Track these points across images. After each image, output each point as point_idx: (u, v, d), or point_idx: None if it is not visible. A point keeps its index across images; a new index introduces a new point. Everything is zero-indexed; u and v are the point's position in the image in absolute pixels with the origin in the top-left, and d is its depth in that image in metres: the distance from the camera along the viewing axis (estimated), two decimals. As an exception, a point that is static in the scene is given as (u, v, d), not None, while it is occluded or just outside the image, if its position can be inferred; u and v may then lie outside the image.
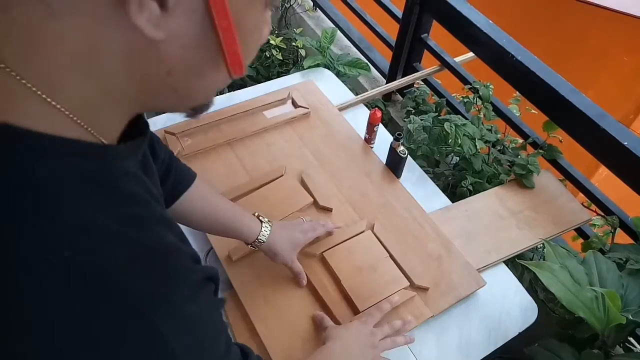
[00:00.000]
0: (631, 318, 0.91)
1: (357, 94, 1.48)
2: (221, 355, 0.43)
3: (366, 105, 1.48)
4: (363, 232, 1.06)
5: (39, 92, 0.30)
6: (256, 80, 2.13)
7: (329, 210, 1.10)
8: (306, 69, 1.46)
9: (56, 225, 0.30)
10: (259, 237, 0.87)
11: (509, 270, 1.09)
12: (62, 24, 0.29)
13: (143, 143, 0.43)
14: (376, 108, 1.34)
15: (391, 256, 1.02)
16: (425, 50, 1.68)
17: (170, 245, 0.37)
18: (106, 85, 0.33)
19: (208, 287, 0.41)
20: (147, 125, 0.44)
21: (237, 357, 0.48)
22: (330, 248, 1.02)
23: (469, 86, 1.43)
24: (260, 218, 0.91)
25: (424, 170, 1.27)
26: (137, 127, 0.42)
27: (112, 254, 0.32)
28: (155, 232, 0.37)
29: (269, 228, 0.89)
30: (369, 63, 1.82)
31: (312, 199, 1.11)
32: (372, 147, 1.25)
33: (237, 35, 0.34)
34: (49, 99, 0.31)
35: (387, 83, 1.78)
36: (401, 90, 1.81)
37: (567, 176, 1.32)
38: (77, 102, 0.32)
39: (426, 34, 1.64)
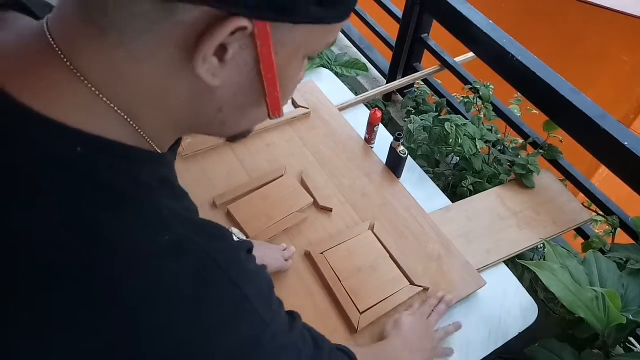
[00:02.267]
0: (631, 318, 0.91)
1: (357, 94, 1.48)
2: (278, 304, 0.49)
3: (366, 105, 1.48)
4: (363, 232, 1.06)
5: (124, 116, 0.38)
6: (256, 80, 2.13)
7: (329, 210, 1.10)
8: (305, 70, 1.46)
9: (164, 214, 0.39)
10: None
11: (509, 270, 1.09)
12: (141, 66, 0.36)
13: (176, 150, 0.51)
14: (376, 108, 1.34)
15: (391, 256, 1.02)
16: (425, 50, 1.68)
17: (221, 228, 0.45)
18: (171, 116, 0.41)
19: (251, 255, 0.49)
20: (180, 138, 0.51)
21: (285, 315, 0.54)
22: (330, 248, 1.02)
23: (469, 86, 1.43)
24: (233, 234, 0.89)
25: (424, 170, 1.27)
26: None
27: (196, 230, 0.40)
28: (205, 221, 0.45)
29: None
30: (367, 63, 1.83)
31: (312, 199, 1.11)
32: (372, 147, 1.25)
33: (278, 84, 0.40)
34: (130, 122, 0.39)
35: (387, 83, 1.78)
36: (401, 90, 1.81)
37: (567, 176, 1.32)
38: (148, 126, 0.40)
39: (426, 34, 1.64)
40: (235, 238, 0.85)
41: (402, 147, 1.15)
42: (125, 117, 0.38)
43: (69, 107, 0.36)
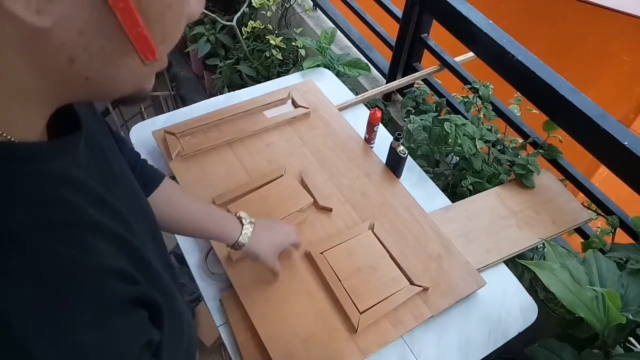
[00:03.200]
0: (631, 318, 0.91)
1: (357, 94, 1.48)
2: None
3: (366, 105, 1.48)
4: (363, 232, 1.06)
5: None
6: (256, 80, 2.13)
7: (329, 210, 1.10)
8: (306, 69, 1.45)
9: None
10: (239, 240, 0.84)
11: (509, 270, 1.09)
12: None
13: (76, 139, 0.40)
14: (376, 108, 1.34)
15: (391, 256, 1.02)
16: (425, 50, 1.67)
17: (86, 258, 0.35)
18: (8, 82, 0.31)
19: (132, 312, 0.37)
20: (79, 119, 0.41)
21: None
22: (330, 248, 1.02)
23: (469, 86, 1.43)
24: (242, 219, 0.87)
25: (424, 170, 1.27)
26: (70, 123, 0.40)
27: (9, 259, 0.31)
28: (75, 242, 0.35)
29: (251, 229, 0.86)
30: (368, 63, 1.82)
31: (312, 199, 1.11)
32: (372, 147, 1.25)
33: (139, 16, 0.31)
34: None
35: (387, 83, 1.78)
36: (401, 90, 1.81)
37: (567, 176, 1.32)
38: None
39: (426, 34, 1.64)
40: (244, 222, 0.86)
41: (402, 147, 1.15)
42: None
43: None
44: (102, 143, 0.49)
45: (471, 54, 1.56)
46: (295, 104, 1.32)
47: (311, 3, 2.25)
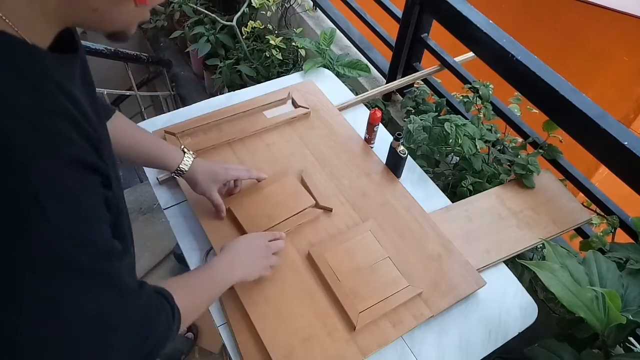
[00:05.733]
0: (631, 318, 0.91)
1: (357, 94, 1.48)
2: (107, 241, 0.48)
3: (366, 105, 1.48)
4: (363, 232, 1.06)
5: None
6: (256, 80, 2.13)
7: (329, 210, 1.10)
8: (306, 72, 1.45)
9: None
10: (180, 166, 0.96)
11: (509, 270, 1.09)
12: None
13: (73, 59, 0.50)
14: (376, 108, 1.34)
15: (391, 256, 1.02)
16: (425, 50, 1.67)
17: (60, 139, 0.43)
18: (38, 3, 0.42)
19: (85, 173, 0.46)
20: (78, 44, 0.53)
21: (129, 269, 0.54)
22: (330, 248, 1.02)
23: (469, 86, 1.43)
24: (184, 150, 0.98)
25: (424, 170, 1.27)
26: (71, 47, 0.51)
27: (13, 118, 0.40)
28: (55, 127, 0.43)
29: (191, 159, 0.97)
30: (368, 64, 1.83)
31: (315, 201, 1.11)
32: (372, 147, 1.25)
33: None
34: None
35: (387, 83, 1.78)
36: (401, 90, 1.81)
37: (567, 176, 1.32)
38: (13, 12, 0.41)
39: (426, 34, 1.64)
40: (186, 152, 0.97)
41: (402, 147, 1.15)
42: None
43: None
44: (89, 76, 0.60)
45: (471, 54, 1.57)
46: (295, 104, 1.32)
47: (311, 3, 2.25)
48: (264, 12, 2.12)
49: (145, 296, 0.55)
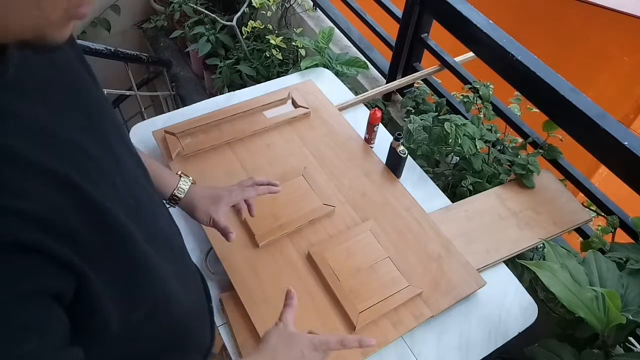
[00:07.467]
0: (631, 318, 0.91)
1: (357, 94, 1.48)
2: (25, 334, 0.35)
3: (366, 105, 1.48)
4: (363, 232, 1.06)
5: None
6: (256, 80, 2.13)
7: (332, 207, 1.10)
8: (304, 69, 1.45)
9: None
10: (174, 192, 0.86)
11: (509, 270, 1.09)
12: None
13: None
14: (376, 108, 1.34)
15: (391, 256, 1.02)
16: (425, 50, 1.67)
17: None
18: None
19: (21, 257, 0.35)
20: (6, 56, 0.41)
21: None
22: (330, 248, 1.02)
23: (469, 86, 1.43)
24: (181, 175, 0.89)
25: (424, 170, 1.27)
26: None
27: None
28: None
29: (188, 184, 0.88)
30: (367, 62, 1.83)
31: (321, 203, 1.10)
32: (372, 147, 1.25)
33: None
34: None
35: (387, 83, 1.78)
36: (401, 90, 1.81)
37: (567, 176, 1.32)
38: None
39: (426, 34, 1.64)
40: (182, 177, 0.87)
41: (402, 147, 1.15)
42: None
43: None
44: (83, 82, 0.51)
45: (471, 54, 1.56)
46: (295, 104, 1.32)
47: (311, 3, 2.25)
48: (264, 12, 2.12)
49: None
